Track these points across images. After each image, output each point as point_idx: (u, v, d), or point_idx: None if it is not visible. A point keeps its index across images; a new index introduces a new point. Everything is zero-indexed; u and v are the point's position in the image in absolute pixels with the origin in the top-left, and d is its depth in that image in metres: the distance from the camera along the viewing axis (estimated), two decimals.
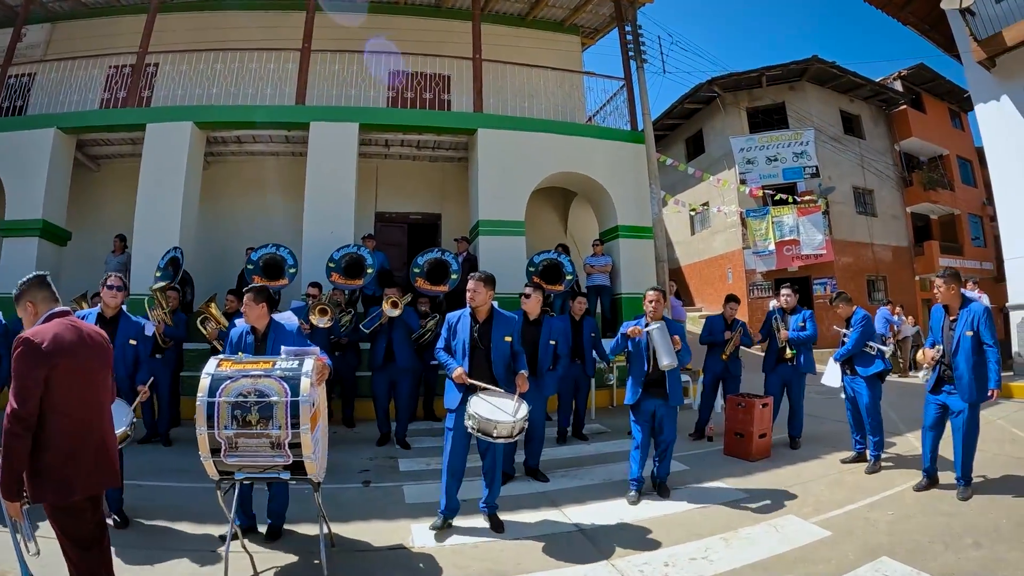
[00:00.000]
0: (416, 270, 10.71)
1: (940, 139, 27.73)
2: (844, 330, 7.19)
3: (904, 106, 26.32)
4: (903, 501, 5.61)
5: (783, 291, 8.22)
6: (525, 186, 12.37)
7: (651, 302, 5.94)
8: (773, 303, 18.19)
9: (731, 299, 8.68)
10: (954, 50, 15.16)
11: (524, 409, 4.86)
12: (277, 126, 12.17)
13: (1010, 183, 13.78)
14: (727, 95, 23.41)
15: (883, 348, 6.98)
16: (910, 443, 7.81)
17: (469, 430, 4.81)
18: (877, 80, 25.28)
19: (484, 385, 4.94)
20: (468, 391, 4.97)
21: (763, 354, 8.45)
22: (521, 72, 13.47)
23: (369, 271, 10.30)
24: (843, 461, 7.14)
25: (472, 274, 5.27)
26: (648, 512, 5.54)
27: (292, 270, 10.33)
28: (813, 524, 5.10)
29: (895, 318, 17.06)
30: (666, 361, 5.58)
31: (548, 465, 6.96)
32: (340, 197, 11.61)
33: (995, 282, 25.31)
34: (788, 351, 7.86)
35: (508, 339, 5.21)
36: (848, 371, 7.17)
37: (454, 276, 10.58)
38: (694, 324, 22.42)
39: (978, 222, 29.52)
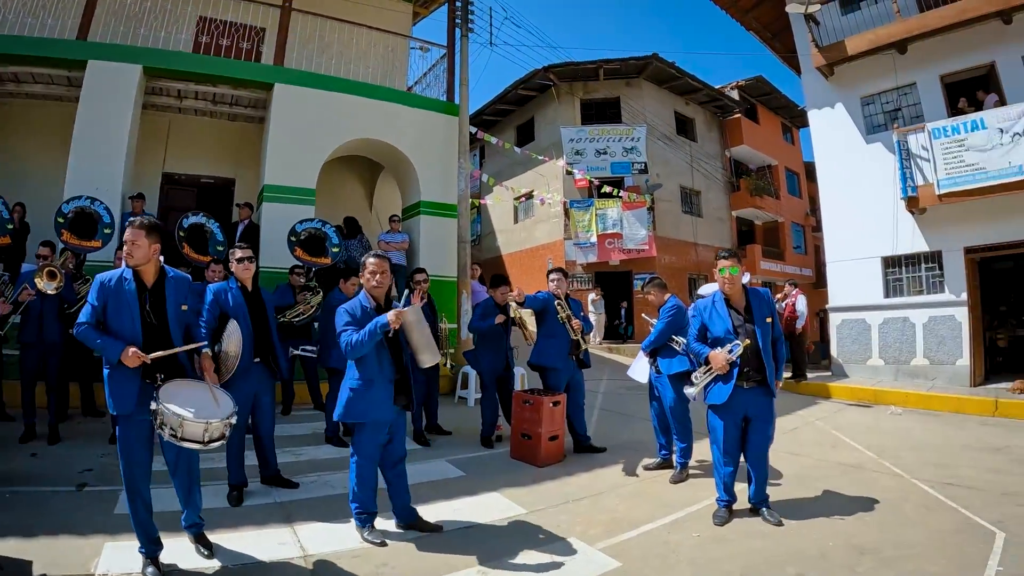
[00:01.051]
0: (293, 239, 10.25)
1: (770, 150, 29.24)
2: (652, 320, 6.75)
3: (739, 115, 27.49)
4: (712, 518, 4.96)
5: (552, 276, 7.23)
6: (321, 151, 11.75)
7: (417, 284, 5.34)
8: (592, 296, 18.69)
9: (500, 282, 7.67)
10: (794, 63, 15.74)
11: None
12: (51, 63, 10.68)
13: (837, 186, 14.57)
14: (563, 84, 23.63)
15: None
16: None
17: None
18: (716, 87, 26.19)
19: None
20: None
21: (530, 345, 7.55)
22: (343, 34, 12.77)
23: (108, 232, 9.29)
24: (646, 468, 6.60)
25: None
26: (393, 540, 4.51)
27: (108, 230, 9.23)
28: (600, 551, 4.33)
29: None
30: (427, 357, 4.62)
31: (298, 469, 6.24)
32: (112, 150, 10.30)
33: (813, 288, 26.98)
34: (582, 343, 7.18)
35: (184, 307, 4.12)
36: (655, 368, 6.67)
37: (335, 249, 10.38)
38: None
39: (800, 231, 31.40)
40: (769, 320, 4.99)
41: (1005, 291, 14.96)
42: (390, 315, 4.31)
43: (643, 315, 7.53)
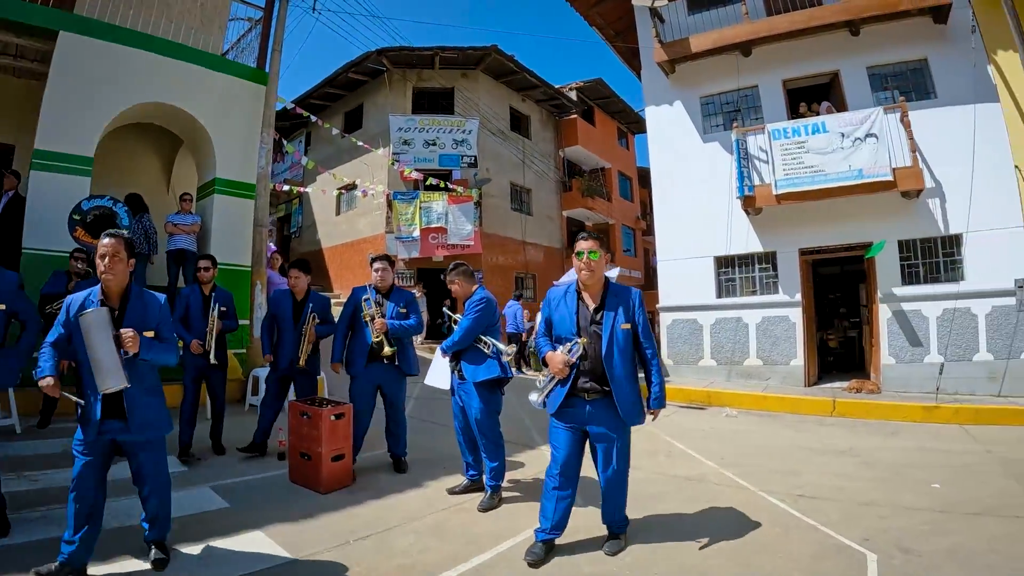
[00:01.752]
0: (77, 217, 8.82)
1: (605, 153, 29.23)
2: (456, 315, 5.75)
3: (575, 115, 27.10)
4: (525, 555, 4.00)
5: (376, 265, 6.24)
6: (103, 114, 9.64)
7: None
8: (416, 293, 17.32)
9: (299, 266, 6.79)
10: (635, 64, 15.12)
11: None
12: None
13: (671, 184, 14.05)
14: (396, 71, 22.14)
15: (502, 348, 5.31)
16: (546, 460, 5.02)
17: None
18: (555, 86, 25.58)
19: None
20: None
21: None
22: None
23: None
24: (451, 492, 5.49)
25: None
26: None
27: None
28: None
29: (525, 318, 16.86)
30: (104, 380, 3.42)
31: (27, 500, 4.80)
32: None
33: (643, 289, 26.84)
34: (387, 346, 5.99)
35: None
36: (458, 373, 5.51)
37: (125, 231, 8.18)
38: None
39: (631, 234, 31.70)
40: (627, 326, 4.03)
41: (831, 293, 15.23)
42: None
43: (444, 308, 6.60)
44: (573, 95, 26.71)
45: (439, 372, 5.99)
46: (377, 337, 5.97)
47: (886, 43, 11.72)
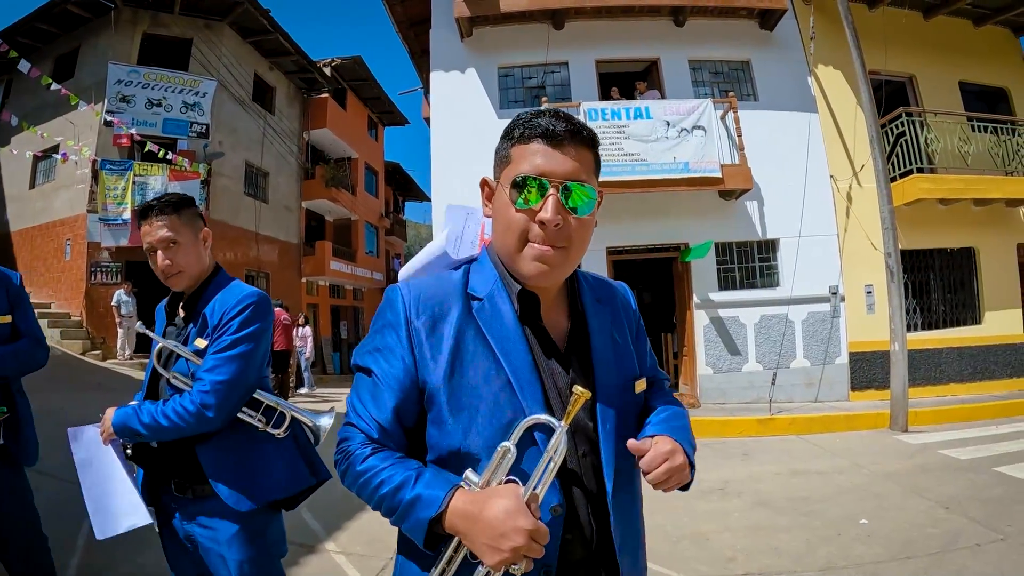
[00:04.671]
0: None
1: (353, 141, 27.09)
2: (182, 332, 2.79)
3: (327, 95, 24.70)
4: None
5: None
6: None
7: None
8: (122, 292, 14.04)
9: None
10: (416, 28, 13.53)
11: None
12: None
13: (455, 164, 12.12)
14: (125, 9, 17.90)
15: (309, 421, 2.36)
16: None
17: None
18: (310, 58, 22.92)
19: None
20: None
21: None
22: None
23: None
24: None
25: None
26: None
27: None
28: None
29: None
30: None
31: None
32: None
33: (380, 292, 25.18)
34: None
35: None
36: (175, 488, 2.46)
37: None
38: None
39: (374, 232, 29.91)
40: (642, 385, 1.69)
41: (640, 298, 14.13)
42: None
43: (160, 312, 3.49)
44: (327, 71, 24.24)
45: (114, 492, 2.43)
46: None
47: (711, 38, 11.45)
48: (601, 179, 4.94)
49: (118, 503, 2.37)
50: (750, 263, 10.75)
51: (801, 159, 10.50)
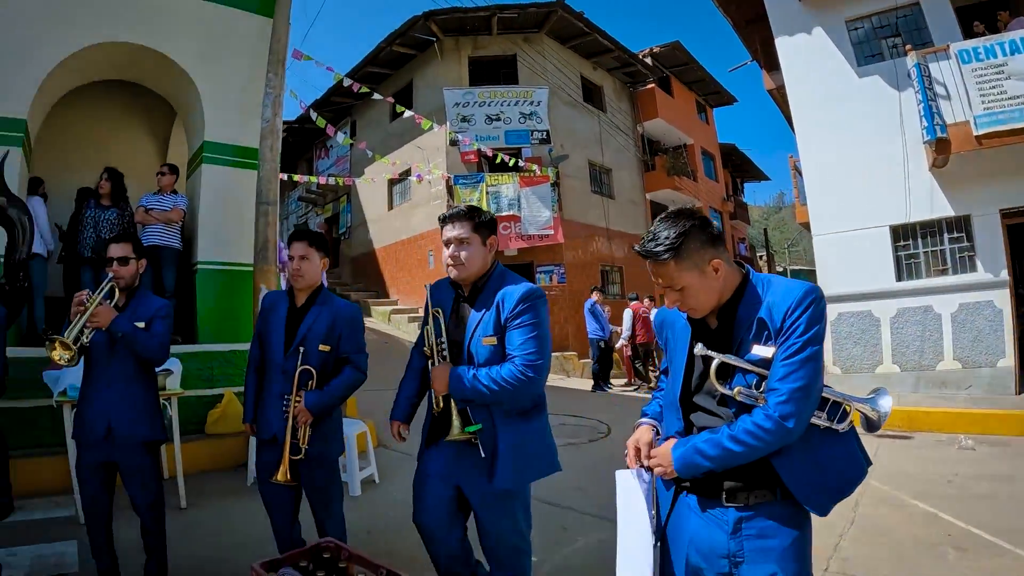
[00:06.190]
0: None
1: (685, 127, 26.05)
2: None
3: (652, 85, 23.98)
4: None
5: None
6: (43, 59, 6.86)
7: None
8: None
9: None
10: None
11: None
12: None
13: (820, 136, 11.17)
14: (447, 39, 19.17)
15: None
16: None
17: None
18: (630, 51, 22.43)
19: None
20: None
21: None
22: None
23: None
24: None
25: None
26: None
27: None
28: None
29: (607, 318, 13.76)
30: None
31: None
32: None
33: None
34: (456, 417, 2.85)
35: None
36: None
37: None
38: (383, 320, 18.38)
39: (718, 218, 28.84)
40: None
41: None
42: None
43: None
44: (648, 61, 23.51)
45: (633, 545, 2.25)
46: (437, 400, 2.97)
47: None
48: (990, 128, 8.12)
49: (638, 553, 2.21)
50: None
51: None
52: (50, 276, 7.58)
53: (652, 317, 13.89)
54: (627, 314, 13.73)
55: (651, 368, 14.12)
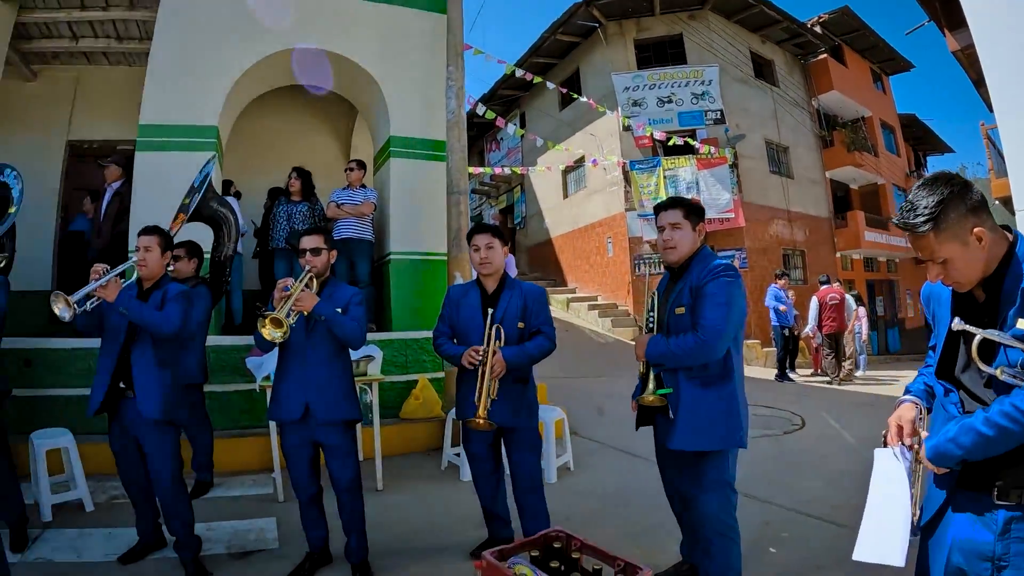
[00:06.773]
0: None
1: (862, 98, 24.16)
2: None
3: (824, 55, 22.54)
4: None
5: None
6: (229, 68, 7.39)
7: None
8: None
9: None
10: None
11: None
12: None
13: (1018, 86, 9.63)
14: (610, 24, 18.79)
15: None
16: None
17: None
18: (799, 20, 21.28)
19: None
20: None
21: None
22: None
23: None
24: None
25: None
26: None
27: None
28: None
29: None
30: None
31: None
32: None
33: (916, 264, 22.02)
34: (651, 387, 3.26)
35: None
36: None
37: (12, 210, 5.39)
38: (562, 309, 17.99)
39: (902, 196, 26.34)
40: None
41: None
42: None
43: None
44: (818, 30, 22.15)
45: (888, 519, 2.10)
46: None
47: None
48: None
49: (887, 532, 2.05)
50: None
51: None
52: (246, 271, 8.22)
53: (847, 301, 12.81)
54: (813, 303, 12.61)
55: (844, 358, 12.89)
